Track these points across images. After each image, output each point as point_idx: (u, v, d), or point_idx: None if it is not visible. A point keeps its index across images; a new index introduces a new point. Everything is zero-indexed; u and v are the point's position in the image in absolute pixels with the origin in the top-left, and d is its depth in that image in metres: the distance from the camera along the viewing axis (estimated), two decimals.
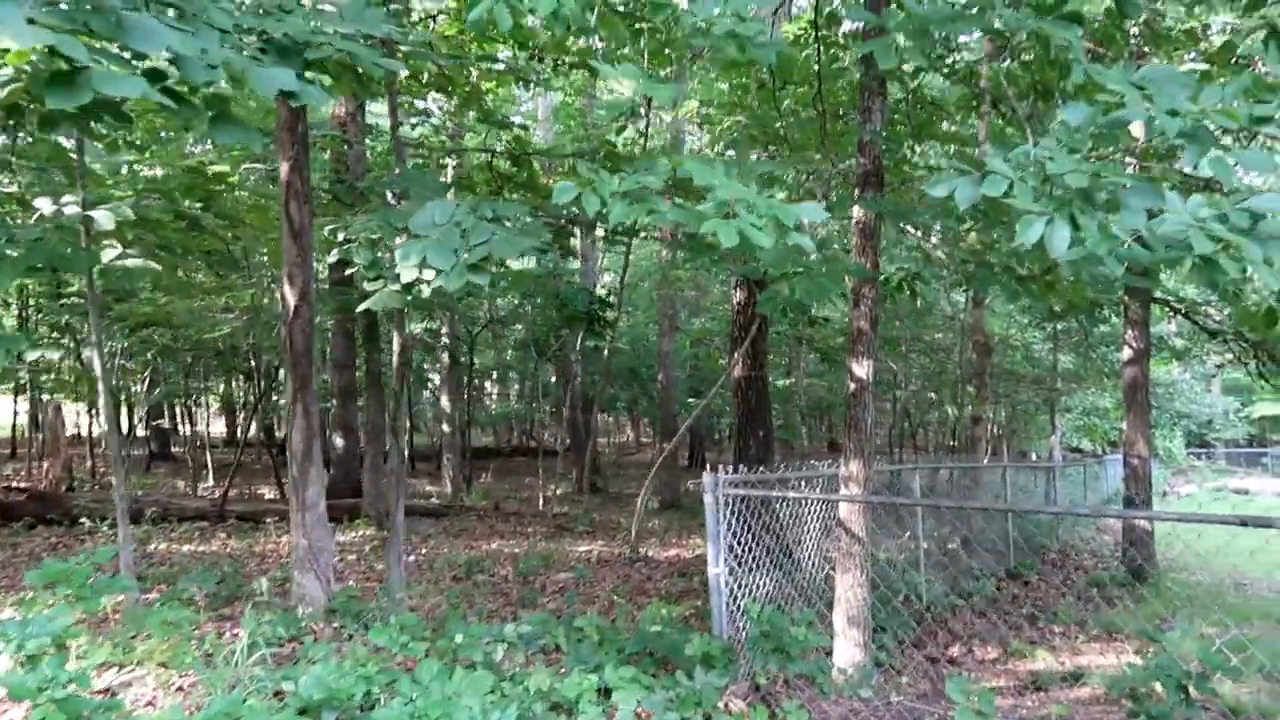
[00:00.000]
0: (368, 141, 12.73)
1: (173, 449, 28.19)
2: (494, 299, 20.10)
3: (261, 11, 4.10)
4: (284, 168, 6.79)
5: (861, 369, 5.75)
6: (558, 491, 21.25)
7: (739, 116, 7.53)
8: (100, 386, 7.05)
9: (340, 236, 4.82)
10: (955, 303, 20.97)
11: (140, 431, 28.50)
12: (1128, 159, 10.51)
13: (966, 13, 3.16)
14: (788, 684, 5.02)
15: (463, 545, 12.40)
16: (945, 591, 9.32)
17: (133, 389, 30.96)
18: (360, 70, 4.51)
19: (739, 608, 5.23)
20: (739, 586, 5.50)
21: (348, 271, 5.41)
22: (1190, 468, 35.76)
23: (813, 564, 6.76)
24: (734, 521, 5.43)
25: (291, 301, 6.73)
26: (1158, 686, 5.06)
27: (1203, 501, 26.45)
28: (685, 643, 4.98)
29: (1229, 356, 14.08)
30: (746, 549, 6.33)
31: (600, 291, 20.17)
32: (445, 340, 18.98)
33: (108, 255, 5.97)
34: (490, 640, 5.13)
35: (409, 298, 4.62)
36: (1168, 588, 11.02)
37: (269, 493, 17.05)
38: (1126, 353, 11.38)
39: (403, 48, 5.21)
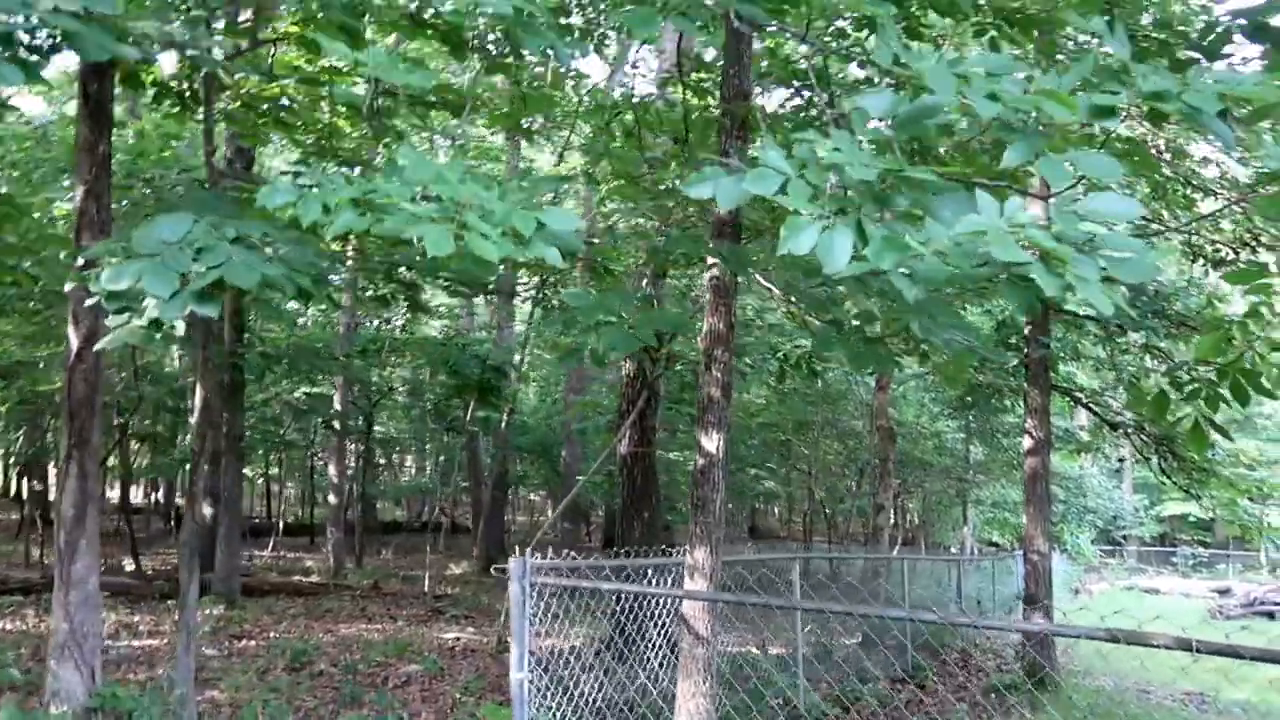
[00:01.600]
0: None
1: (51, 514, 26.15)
2: (390, 365, 19.13)
3: None
4: (79, 193, 5.98)
5: (711, 442, 5.06)
6: (456, 571, 20.02)
7: (601, 163, 7.01)
8: None
9: (79, 261, 4.01)
10: (870, 386, 20.68)
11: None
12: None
13: None
14: None
15: (321, 628, 11.24)
16: (830, 694, 8.55)
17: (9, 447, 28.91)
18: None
19: None
20: (553, 694, 4.67)
21: (87, 303, 4.60)
22: (1103, 565, 35.82)
23: (661, 667, 5.95)
24: (549, 616, 4.63)
25: (75, 344, 5.85)
26: None
27: (1115, 599, 26.23)
28: None
29: (1133, 452, 13.82)
30: (568, 649, 5.55)
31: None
32: (336, 407, 17.92)
33: None
34: None
35: (157, 335, 3.79)
36: (1068, 696, 10.40)
37: (133, 564, 15.53)
38: (1027, 442, 10.96)
39: (189, 50, 4.53)
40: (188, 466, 16.63)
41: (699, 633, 4.99)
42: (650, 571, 5.79)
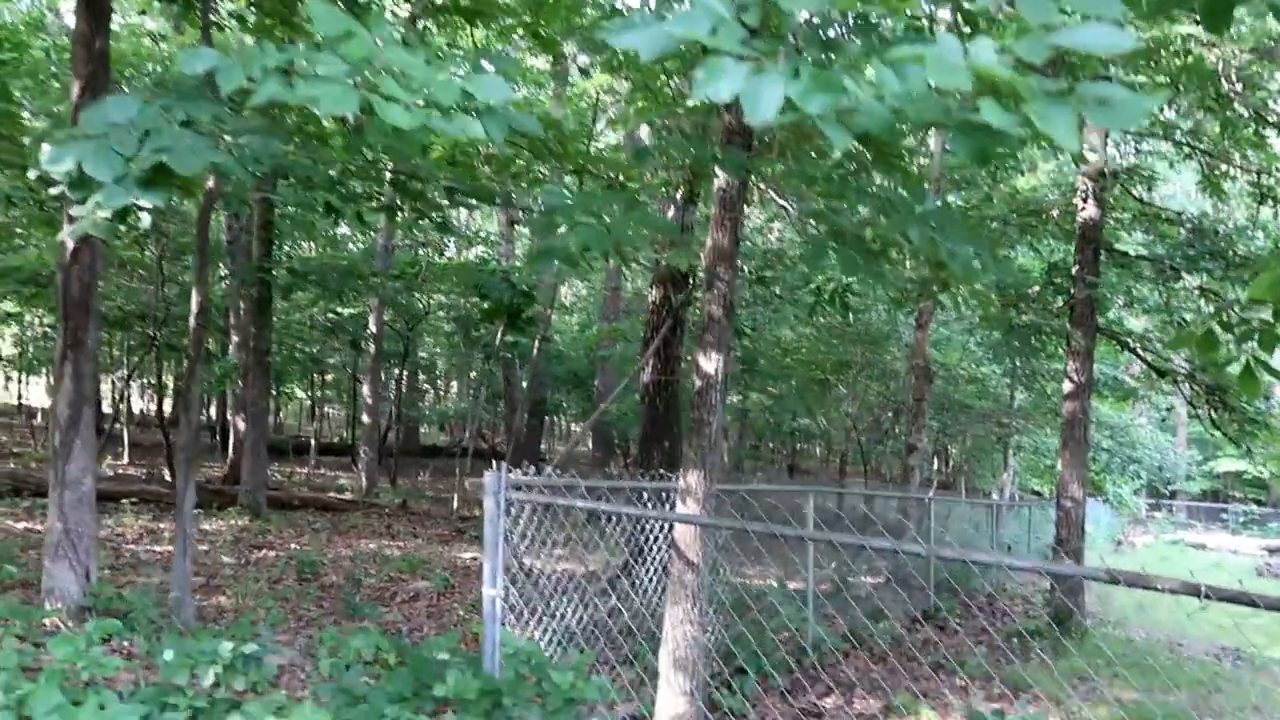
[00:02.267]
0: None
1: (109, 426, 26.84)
2: (429, 291, 19.08)
3: None
4: (75, 88, 5.82)
5: (710, 363, 4.80)
6: None
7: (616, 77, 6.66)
8: None
9: (44, 149, 3.82)
10: (913, 327, 20.12)
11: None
12: None
13: None
14: None
15: (342, 543, 11.35)
16: (845, 631, 8.40)
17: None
18: None
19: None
20: (532, 613, 4.54)
21: (53, 191, 4.45)
22: (1150, 518, 35.09)
23: (656, 592, 5.81)
24: (531, 532, 4.48)
25: (70, 241, 5.73)
26: None
27: (1159, 552, 25.65)
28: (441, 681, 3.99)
29: (1183, 401, 13.24)
30: (581, 574, 5.41)
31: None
32: (371, 329, 17.95)
33: None
34: (203, 661, 4.13)
35: (122, 226, 3.62)
36: (1094, 644, 10.11)
37: (169, 474, 15.84)
38: (1067, 386, 10.50)
39: None
40: (232, 378, 16.77)
41: (689, 558, 4.80)
42: (645, 494, 5.60)
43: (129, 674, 4.52)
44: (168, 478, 15.62)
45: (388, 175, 8.05)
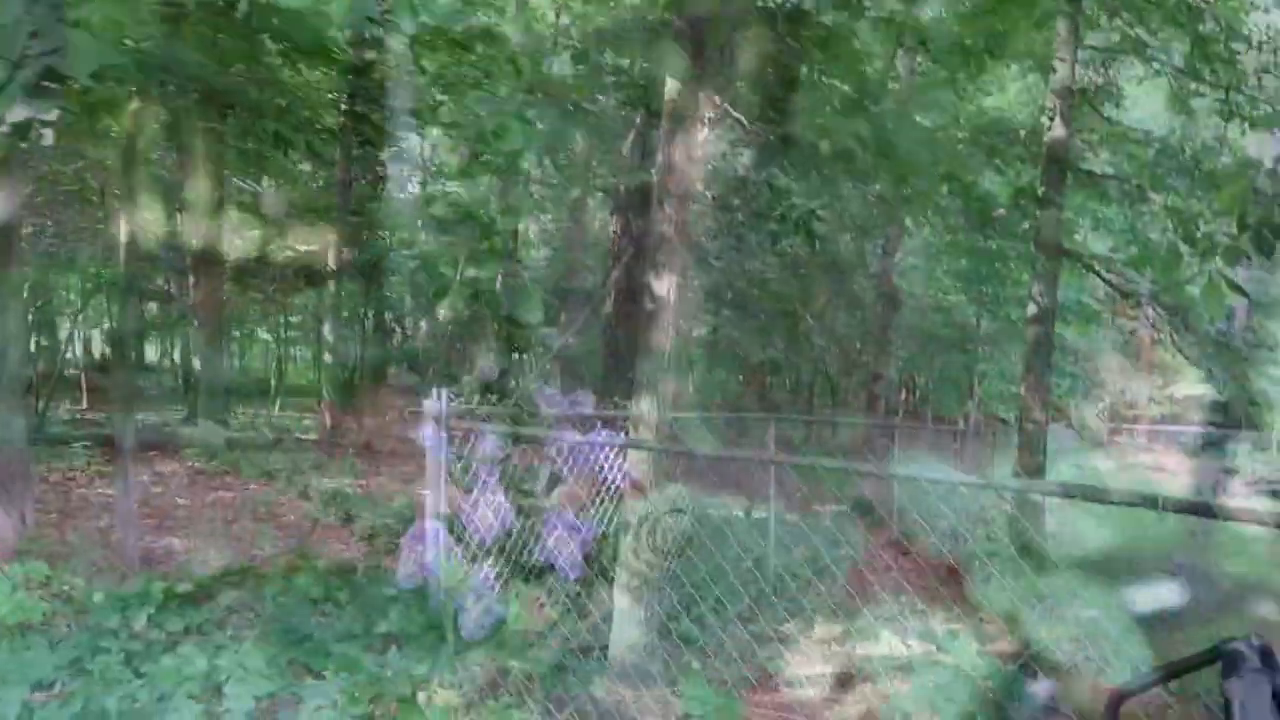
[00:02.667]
0: None
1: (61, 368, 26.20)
2: (392, 229, 18.63)
3: None
4: None
5: (662, 285, 4.63)
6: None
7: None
8: None
9: None
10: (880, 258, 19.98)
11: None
12: None
13: None
14: (516, 677, 3.94)
15: (301, 483, 11.17)
16: (805, 558, 8.42)
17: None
18: None
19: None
20: (480, 545, 4.43)
21: None
22: (1111, 442, 35.68)
23: (609, 523, 5.71)
24: (477, 462, 4.34)
25: None
26: None
27: (1119, 475, 26.09)
28: (383, 617, 3.88)
29: (1145, 326, 13.30)
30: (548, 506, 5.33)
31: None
32: (330, 265, 17.51)
33: None
34: (134, 603, 3.99)
35: (23, 145, 3.36)
36: (1053, 564, 10.24)
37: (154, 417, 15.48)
38: (1031, 310, 10.46)
39: None
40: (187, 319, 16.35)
41: (641, 486, 4.69)
42: (599, 424, 5.48)
43: (64, 618, 4.37)
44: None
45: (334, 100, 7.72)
